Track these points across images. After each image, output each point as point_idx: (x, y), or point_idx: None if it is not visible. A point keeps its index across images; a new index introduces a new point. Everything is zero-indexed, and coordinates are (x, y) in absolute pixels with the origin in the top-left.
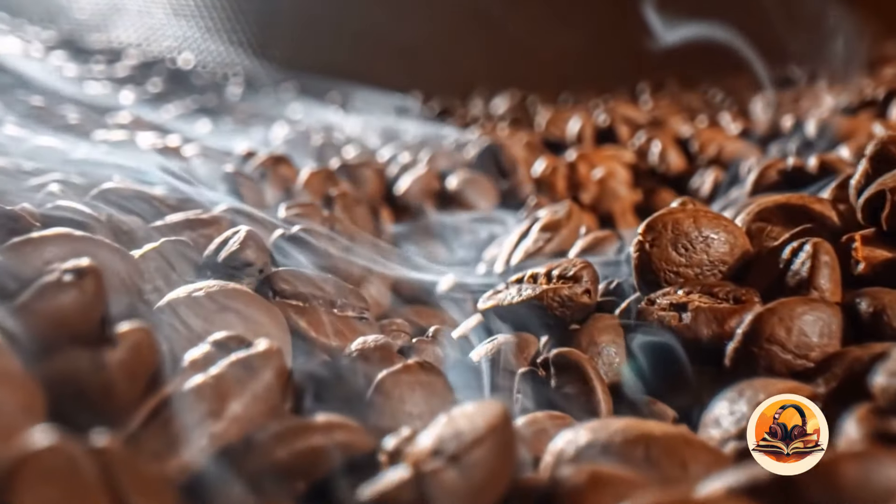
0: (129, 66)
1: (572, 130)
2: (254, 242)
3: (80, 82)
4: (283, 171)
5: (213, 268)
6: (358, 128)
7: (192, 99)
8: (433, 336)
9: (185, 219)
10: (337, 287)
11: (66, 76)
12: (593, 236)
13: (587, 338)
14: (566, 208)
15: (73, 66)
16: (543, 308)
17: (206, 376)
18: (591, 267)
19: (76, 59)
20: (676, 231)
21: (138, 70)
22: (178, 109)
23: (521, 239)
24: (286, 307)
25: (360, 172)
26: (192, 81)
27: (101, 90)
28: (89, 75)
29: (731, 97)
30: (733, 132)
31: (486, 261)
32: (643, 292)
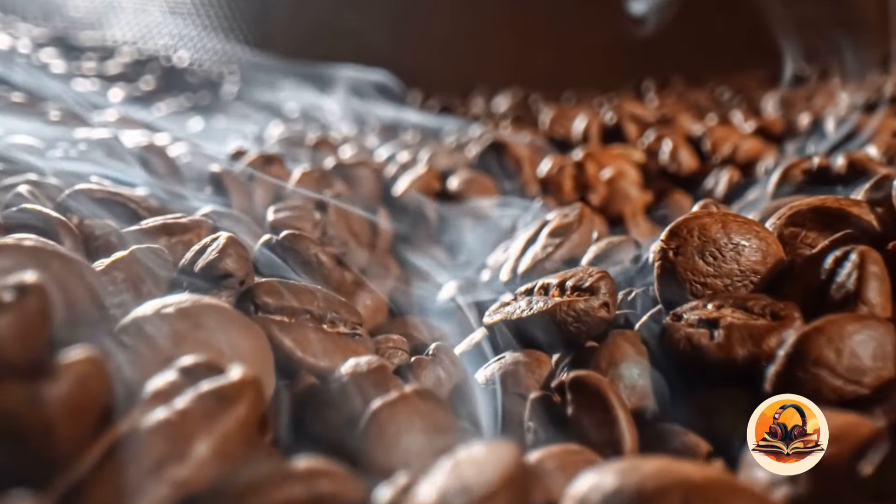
0: (122, 64)
1: (578, 129)
2: (234, 251)
3: (68, 79)
4: (274, 171)
5: (189, 278)
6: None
7: (186, 97)
8: (433, 354)
9: (163, 223)
10: (327, 300)
11: (53, 73)
12: (607, 241)
13: (607, 357)
14: (577, 211)
15: (61, 62)
16: (556, 323)
17: (169, 411)
18: (608, 277)
19: (67, 57)
20: (704, 237)
21: (131, 68)
22: (171, 108)
23: (528, 244)
24: (269, 323)
25: (357, 172)
26: (187, 79)
27: (90, 87)
28: (78, 72)
29: (739, 95)
30: (747, 131)
31: (491, 267)
32: (666, 305)
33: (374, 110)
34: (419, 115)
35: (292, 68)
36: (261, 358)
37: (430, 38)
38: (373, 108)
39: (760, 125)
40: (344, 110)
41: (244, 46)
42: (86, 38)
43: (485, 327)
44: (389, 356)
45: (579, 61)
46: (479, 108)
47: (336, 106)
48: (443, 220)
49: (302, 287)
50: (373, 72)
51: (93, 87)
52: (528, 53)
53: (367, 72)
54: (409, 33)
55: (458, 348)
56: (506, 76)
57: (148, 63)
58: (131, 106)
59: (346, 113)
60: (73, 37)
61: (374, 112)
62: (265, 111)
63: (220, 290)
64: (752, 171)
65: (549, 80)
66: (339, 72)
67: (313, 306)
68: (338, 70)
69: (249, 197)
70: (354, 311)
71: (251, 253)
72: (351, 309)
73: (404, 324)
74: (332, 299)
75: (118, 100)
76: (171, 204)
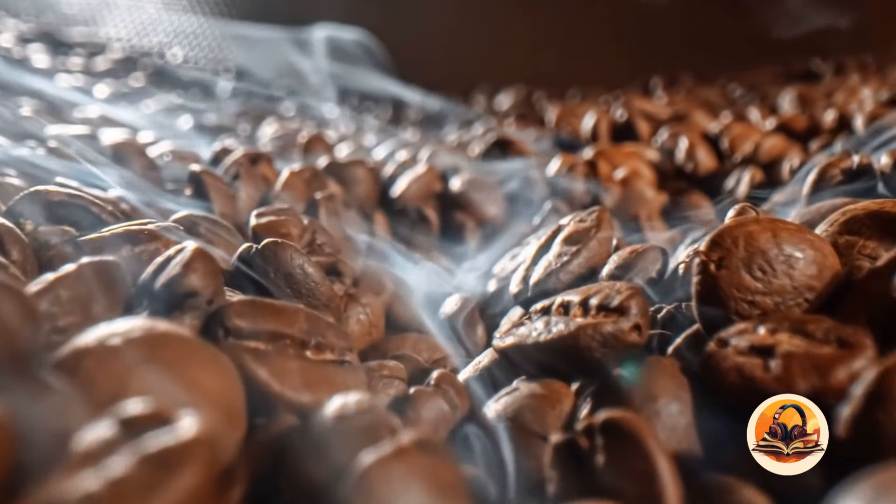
0: (112, 60)
1: (587, 126)
2: (201, 265)
3: (50, 75)
4: (261, 170)
5: (150, 297)
6: None
7: (177, 94)
8: (436, 384)
9: (125, 231)
10: (311, 321)
11: (35, 68)
12: (630, 250)
13: (642, 391)
14: (595, 215)
15: (45, 57)
16: (580, 350)
17: (96, 479)
18: (640, 295)
19: (54, 53)
20: (751, 248)
21: (122, 64)
22: (159, 105)
23: (540, 252)
24: (241, 351)
25: (351, 172)
26: (181, 77)
27: (74, 83)
28: (62, 68)
29: (752, 92)
30: (766, 128)
31: (498, 276)
32: (707, 327)
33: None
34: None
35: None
36: (227, 398)
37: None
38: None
39: (781, 122)
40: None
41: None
42: (76, 34)
43: (495, 351)
44: (384, 387)
45: (584, 59)
46: (480, 106)
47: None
48: (445, 224)
49: (281, 306)
50: (350, 30)
51: (76, 82)
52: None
53: (344, 30)
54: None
55: (462, 373)
56: (508, 74)
57: (140, 60)
58: (117, 103)
59: (325, 79)
60: (62, 33)
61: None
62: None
63: (185, 311)
64: (775, 170)
65: (553, 77)
66: (317, 33)
67: (294, 329)
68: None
69: (232, 199)
70: (343, 335)
71: (230, 264)
72: (339, 332)
73: (403, 342)
74: (318, 320)
75: (103, 96)
76: (145, 208)
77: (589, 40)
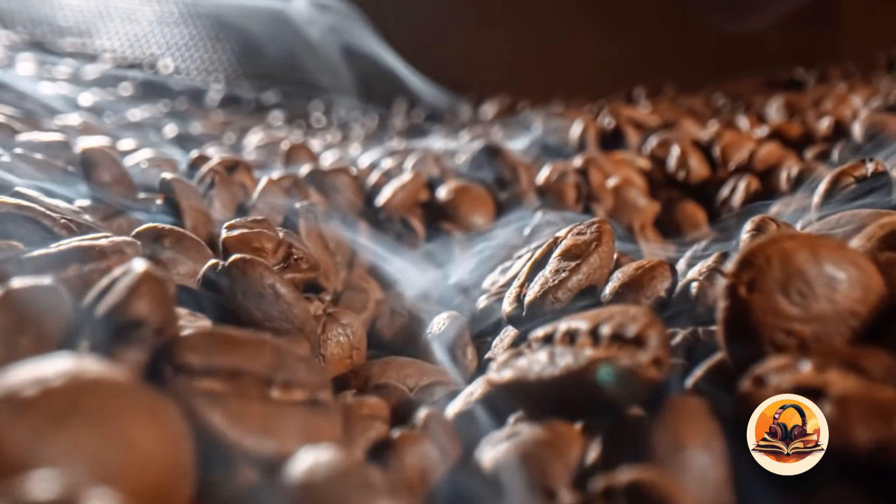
0: (101, 70)
1: (574, 134)
2: (149, 288)
3: (35, 82)
4: (240, 179)
5: (92, 326)
6: None
7: (164, 103)
8: (423, 425)
9: (75, 247)
10: (278, 354)
11: (17, 75)
12: (635, 266)
13: (667, 438)
14: (595, 227)
15: (30, 66)
16: (592, 387)
17: None
18: (658, 323)
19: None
20: (787, 268)
21: (111, 74)
22: (146, 114)
23: (535, 267)
24: (193, 394)
25: (334, 180)
26: (171, 87)
27: (58, 91)
28: (48, 76)
29: (738, 101)
30: (757, 136)
31: (488, 291)
32: (736, 360)
33: None
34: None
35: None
36: (167, 458)
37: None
38: None
39: (774, 129)
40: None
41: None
42: (67, 44)
43: (490, 385)
44: (364, 429)
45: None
46: (465, 115)
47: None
48: (431, 235)
49: (243, 337)
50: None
51: (60, 90)
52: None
53: None
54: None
55: (452, 406)
56: (491, 85)
57: (130, 70)
58: (102, 112)
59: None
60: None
61: None
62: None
63: (129, 343)
64: (771, 179)
65: (536, 88)
66: None
67: (258, 364)
68: None
69: (206, 210)
70: (316, 369)
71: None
72: (312, 366)
73: (386, 367)
74: (286, 354)
75: (87, 104)
76: (110, 220)
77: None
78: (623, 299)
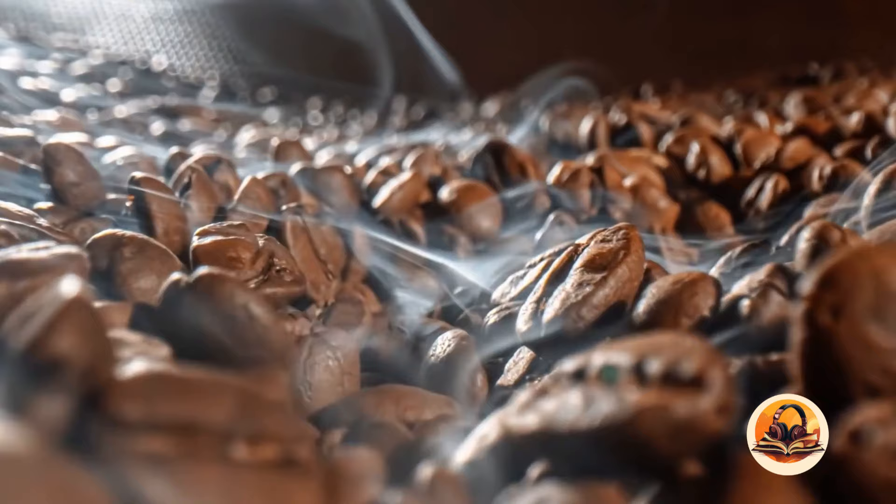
0: (89, 65)
1: (583, 130)
2: (77, 319)
3: (14, 77)
4: (221, 178)
5: (9, 364)
6: None
7: (153, 100)
8: (431, 484)
9: (7, 260)
10: (242, 399)
11: None
12: (673, 280)
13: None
14: (623, 234)
15: (14, 60)
16: (640, 441)
17: None
18: (720, 359)
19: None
20: (882, 289)
21: (101, 69)
22: (133, 110)
23: (553, 279)
24: (129, 458)
25: (327, 179)
26: (164, 84)
27: (39, 86)
28: (31, 69)
29: (752, 97)
30: (779, 132)
31: (498, 304)
32: (822, 403)
33: None
34: None
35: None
36: None
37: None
38: None
39: (799, 125)
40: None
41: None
42: (56, 39)
43: (508, 432)
44: (352, 494)
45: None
46: (467, 112)
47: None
48: (433, 239)
49: (197, 380)
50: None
51: (42, 85)
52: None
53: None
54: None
55: (461, 452)
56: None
57: (121, 66)
58: (87, 108)
59: None
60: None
61: None
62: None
63: (47, 391)
64: (801, 178)
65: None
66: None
67: (217, 413)
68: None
69: (180, 213)
70: (289, 422)
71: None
72: (284, 415)
73: (383, 398)
74: (253, 400)
75: (70, 100)
76: (73, 224)
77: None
78: (659, 319)
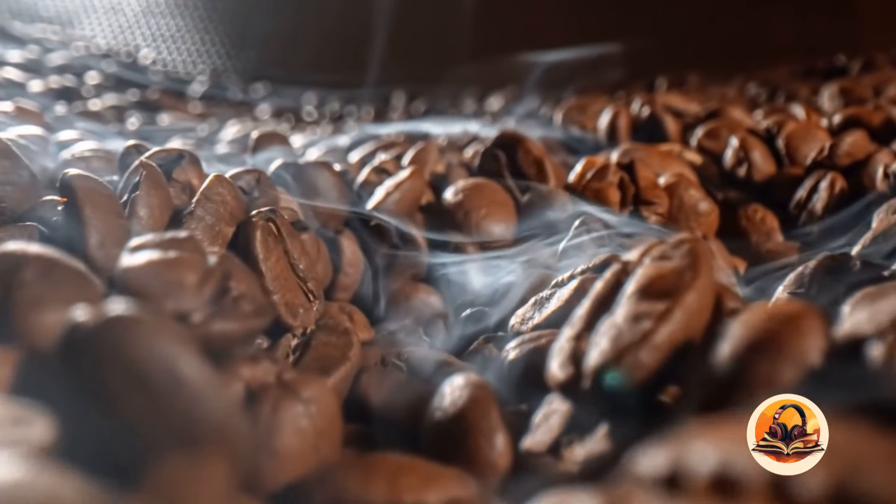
0: (68, 57)
1: (602, 123)
2: None
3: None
4: (182, 176)
5: None
6: None
7: (132, 93)
8: None
9: None
10: None
11: None
12: (769, 316)
13: None
14: (688, 249)
15: None
16: None
17: None
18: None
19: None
20: None
21: (81, 62)
22: (110, 103)
23: (597, 309)
24: None
25: (312, 177)
26: (150, 78)
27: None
28: None
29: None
30: (824, 125)
31: (520, 333)
32: None
33: None
34: None
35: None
36: None
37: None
38: None
39: (850, 116)
40: None
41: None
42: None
43: None
44: None
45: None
46: (470, 108)
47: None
48: (436, 247)
49: None
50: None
51: (8, 75)
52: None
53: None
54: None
55: None
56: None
57: (103, 59)
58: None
59: None
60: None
61: None
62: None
63: None
64: (860, 176)
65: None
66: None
67: None
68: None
69: (121, 220)
70: None
71: None
72: None
73: (370, 475)
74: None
75: (38, 90)
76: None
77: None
78: (751, 371)
